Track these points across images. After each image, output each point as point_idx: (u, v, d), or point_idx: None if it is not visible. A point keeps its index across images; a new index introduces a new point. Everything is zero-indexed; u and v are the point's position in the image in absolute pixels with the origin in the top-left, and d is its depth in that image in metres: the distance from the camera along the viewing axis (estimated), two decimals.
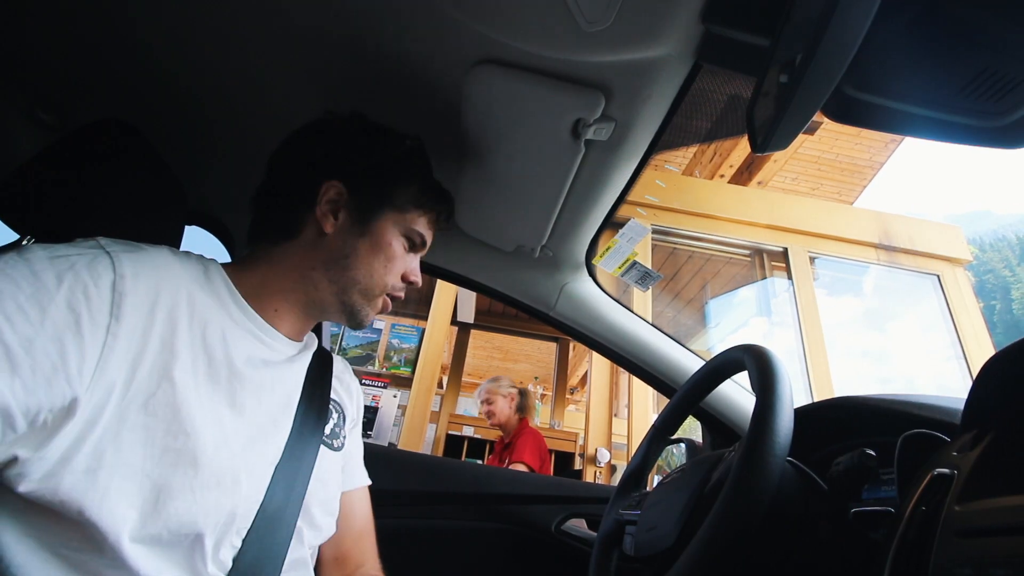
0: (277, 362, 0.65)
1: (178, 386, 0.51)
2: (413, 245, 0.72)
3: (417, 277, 0.73)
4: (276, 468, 0.60)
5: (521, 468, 2.65)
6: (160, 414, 0.49)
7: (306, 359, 0.71)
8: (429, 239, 0.74)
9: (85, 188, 0.67)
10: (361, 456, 0.87)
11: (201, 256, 0.64)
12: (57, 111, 0.90)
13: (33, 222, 0.67)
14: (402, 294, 0.72)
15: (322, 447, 0.68)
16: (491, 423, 3.00)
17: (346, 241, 0.67)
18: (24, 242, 0.69)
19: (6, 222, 0.67)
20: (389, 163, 0.70)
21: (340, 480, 0.75)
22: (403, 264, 0.71)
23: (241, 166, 0.99)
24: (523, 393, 3.03)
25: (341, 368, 0.83)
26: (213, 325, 0.57)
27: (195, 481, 0.50)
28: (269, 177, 0.72)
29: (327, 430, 0.71)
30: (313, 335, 0.76)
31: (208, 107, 0.86)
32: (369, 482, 0.86)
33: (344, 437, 0.77)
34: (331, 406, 0.74)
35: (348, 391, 0.83)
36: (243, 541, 0.55)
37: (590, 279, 1.13)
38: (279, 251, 0.67)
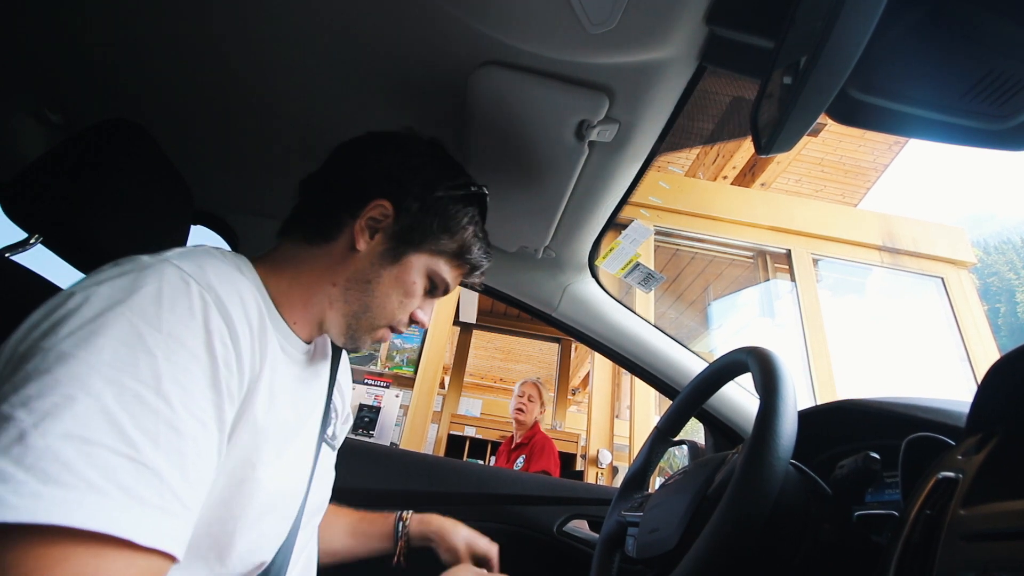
0: (306, 379, 0.64)
1: (259, 424, 0.51)
2: (434, 289, 0.68)
3: (426, 320, 0.68)
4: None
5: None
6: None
7: (324, 367, 0.70)
8: (452, 289, 0.69)
9: (92, 187, 0.67)
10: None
11: (234, 255, 0.60)
12: (65, 111, 0.91)
13: (41, 221, 0.68)
14: (404, 330, 0.68)
15: (324, 446, 0.70)
16: (515, 416, 3.02)
17: (373, 265, 0.63)
18: (32, 241, 0.69)
19: (14, 220, 0.68)
20: (446, 203, 0.65)
21: (332, 476, 0.77)
22: (417, 304, 0.67)
23: (247, 167, 1.00)
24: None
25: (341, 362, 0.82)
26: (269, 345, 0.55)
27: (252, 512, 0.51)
28: (325, 167, 0.68)
29: (329, 432, 0.72)
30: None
31: (214, 108, 0.86)
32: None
33: (338, 435, 0.78)
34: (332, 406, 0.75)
35: (343, 386, 0.83)
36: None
37: (593, 280, 1.13)
38: (308, 255, 0.63)
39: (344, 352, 0.80)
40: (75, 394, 0.36)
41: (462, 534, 0.85)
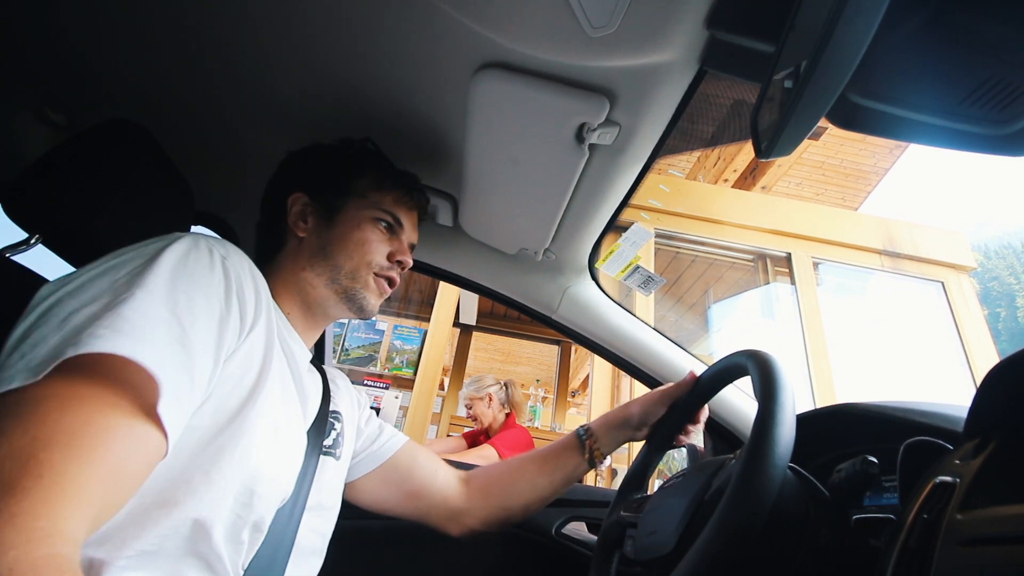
0: (308, 369, 0.71)
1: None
2: (388, 226, 0.75)
3: (405, 257, 0.75)
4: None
5: (490, 452, 2.44)
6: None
7: (318, 375, 0.76)
8: (405, 218, 0.77)
9: (94, 187, 0.67)
10: (390, 426, 0.90)
11: None
12: (67, 111, 0.91)
13: (42, 221, 0.68)
14: (394, 274, 0.75)
15: (324, 457, 0.70)
16: (478, 430, 2.84)
17: (320, 237, 0.72)
18: (32, 241, 0.70)
19: (16, 221, 0.68)
20: (342, 163, 0.76)
21: (340, 490, 0.77)
22: (382, 245, 0.74)
23: (246, 167, 1.00)
24: (505, 386, 2.87)
25: (338, 378, 0.86)
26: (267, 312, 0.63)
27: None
28: (261, 208, 0.79)
29: (328, 441, 0.73)
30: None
31: (215, 108, 0.86)
32: (407, 438, 0.89)
33: (342, 447, 0.78)
34: (331, 417, 0.76)
35: (344, 395, 0.84)
36: (260, 546, 0.56)
37: (593, 283, 1.13)
38: (275, 264, 0.74)
39: (341, 374, 0.87)
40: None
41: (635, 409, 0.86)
